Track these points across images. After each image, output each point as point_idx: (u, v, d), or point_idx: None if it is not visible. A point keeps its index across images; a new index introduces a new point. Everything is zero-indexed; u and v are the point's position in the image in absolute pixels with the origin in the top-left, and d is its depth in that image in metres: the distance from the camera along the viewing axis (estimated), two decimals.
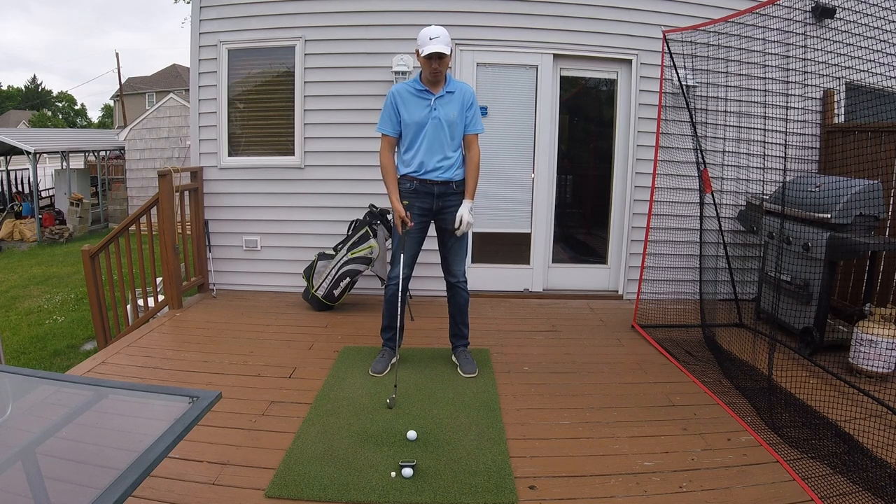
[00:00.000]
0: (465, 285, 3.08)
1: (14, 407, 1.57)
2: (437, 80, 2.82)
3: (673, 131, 4.06)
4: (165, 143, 12.53)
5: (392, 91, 2.89)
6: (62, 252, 10.39)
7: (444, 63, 2.75)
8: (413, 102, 2.84)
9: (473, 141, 2.92)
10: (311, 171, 4.48)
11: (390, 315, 3.06)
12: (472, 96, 2.92)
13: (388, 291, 3.04)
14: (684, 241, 3.95)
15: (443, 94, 2.83)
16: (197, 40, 4.41)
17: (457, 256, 3.03)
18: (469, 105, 2.88)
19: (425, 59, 2.72)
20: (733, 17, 3.48)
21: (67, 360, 5.09)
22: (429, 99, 2.83)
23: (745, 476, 2.13)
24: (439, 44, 2.67)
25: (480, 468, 2.14)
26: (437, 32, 2.70)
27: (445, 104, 2.83)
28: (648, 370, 3.16)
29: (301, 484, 2.03)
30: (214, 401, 1.42)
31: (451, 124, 2.84)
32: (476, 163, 2.92)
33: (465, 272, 3.09)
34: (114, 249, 4.12)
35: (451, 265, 3.04)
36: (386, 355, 3.09)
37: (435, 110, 2.82)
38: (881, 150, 3.59)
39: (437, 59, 2.71)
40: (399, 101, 2.85)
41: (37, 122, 40.65)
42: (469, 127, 2.90)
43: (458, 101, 2.85)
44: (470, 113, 2.89)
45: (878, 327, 2.99)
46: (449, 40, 2.72)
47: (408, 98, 2.85)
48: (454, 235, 2.95)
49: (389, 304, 3.05)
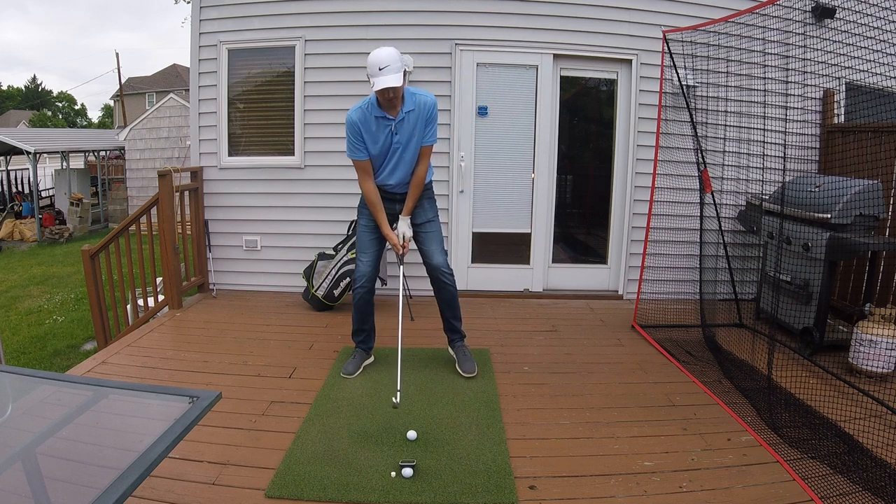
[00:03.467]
0: (449, 277, 2.98)
1: (14, 407, 1.57)
2: (394, 105, 2.70)
3: (673, 131, 4.06)
4: (165, 143, 12.53)
5: (351, 120, 2.75)
6: (62, 252, 10.39)
7: (397, 90, 2.62)
8: (374, 131, 2.75)
9: (425, 154, 2.82)
10: (311, 171, 4.48)
11: (360, 318, 3.04)
12: (431, 109, 2.77)
13: (356, 295, 2.99)
14: (684, 241, 3.95)
15: (402, 116, 2.72)
16: (197, 40, 4.41)
17: (432, 245, 2.97)
18: (427, 119, 2.76)
19: (378, 91, 2.60)
20: (733, 17, 3.48)
21: (67, 360, 5.09)
22: (389, 124, 2.74)
23: (745, 476, 2.13)
24: (389, 75, 2.53)
25: (480, 468, 2.14)
26: (386, 59, 2.54)
27: (405, 126, 2.75)
28: (648, 370, 3.16)
29: (301, 484, 2.03)
30: (214, 401, 1.42)
31: (413, 145, 2.79)
32: (421, 177, 2.85)
33: (448, 263, 3.01)
34: (114, 249, 4.12)
35: (429, 256, 2.97)
36: (358, 356, 3.07)
37: (396, 135, 2.75)
38: (881, 150, 3.59)
39: (391, 89, 2.59)
40: (362, 129, 2.75)
41: (37, 122, 40.67)
42: (424, 139, 2.79)
43: (418, 118, 2.75)
44: (429, 128, 2.78)
45: (878, 327, 2.99)
46: (400, 64, 2.58)
47: (369, 127, 2.75)
48: (422, 228, 2.95)
49: (358, 307, 3.01)
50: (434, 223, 3.01)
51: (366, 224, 2.97)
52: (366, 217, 2.97)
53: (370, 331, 3.10)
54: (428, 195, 3.01)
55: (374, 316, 3.11)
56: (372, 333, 3.11)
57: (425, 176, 2.88)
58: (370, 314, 3.06)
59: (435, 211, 3.04)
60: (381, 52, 2.58)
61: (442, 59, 4.30)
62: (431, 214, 3.01)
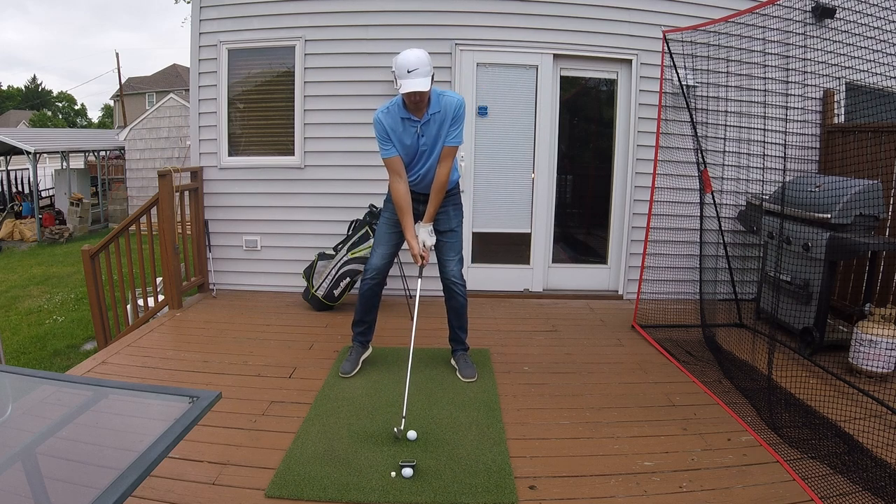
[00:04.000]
0: (461, 288, 2.96)
1: (14, 407, 1.57)
2: (420, 108, 2.65)
3: (673, 131, 4.06)
4: (165, 143, 12.53)
5: (379, 119, 2.72)
6: (62, 252, 10.39)
7: (424, 94, 2.57)
8: (401, 131, 2.71)
9: (448, 155, 2.74)
10: (311, 171, 4.48)
11: (364, 309, 3.00)
12: (458, 109, 2.70)
13: (363, 285, 2.95)
14: (684, 241, 3.95)
15: (428, 118, 2.67)
16: (197, 40, 4.41)
17: (448, 254, 2.94)
18: (453, 119, 2.70)
19: (405, 93, 2.55)
20: (733, 17, 3.48)
21: (67, 360, 5.09)
22: (415, 126, 2.69)
23: (745, 476, 2.13)
24: (418, 78, 2.48)
25: (480, 468, 2.14)
26: (415, 63, 2.48)
27: (431, 128, 2.70)
28: (648, 370, 3.16)
29: (301, 484, 2.03)
30: (214, 401, 1.42)
31: (440, 147, 2.74)
32: (442, 181, 2.75)
33: (462, 274, 2.99)
34: (114, 249, 4.12)
35: (444, 265, 2.96)
36: (355, 352, 3.05)
37: (422, 137, 2.71)
38: (881, 150, 3.59)
39: (417, 93, 2.55)
40: (389, 130, 2.71)
41: (37, 122, 40.66)
42: (447, 139, 2.72)
43: (444, 119, 2.70)
44: (454, 128, 2.72)
45: (878, 327, 2.99)
46: (429, 68, 2.53)
47: (396, 127, 2.71)
48: (444, 236, 2.90)
49: (364, 297, 2.98)
50: (456, 233, 2.94)
51: (388, 218, 2.92)
52: (389, 211, 2.90)
53: (371, 323, 3.07)
54: (454, 201, 2.93)
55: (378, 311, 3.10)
56: (372, 327, 3.09)
57: (447, 180, 2.77)
58: (374, 307, 3.04)
59: (460, 219, 2.96)
60: (411, 54, 2.51)
61: (442, 59, 4.30)
62: (455, 223, 2.93)
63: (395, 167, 2.75)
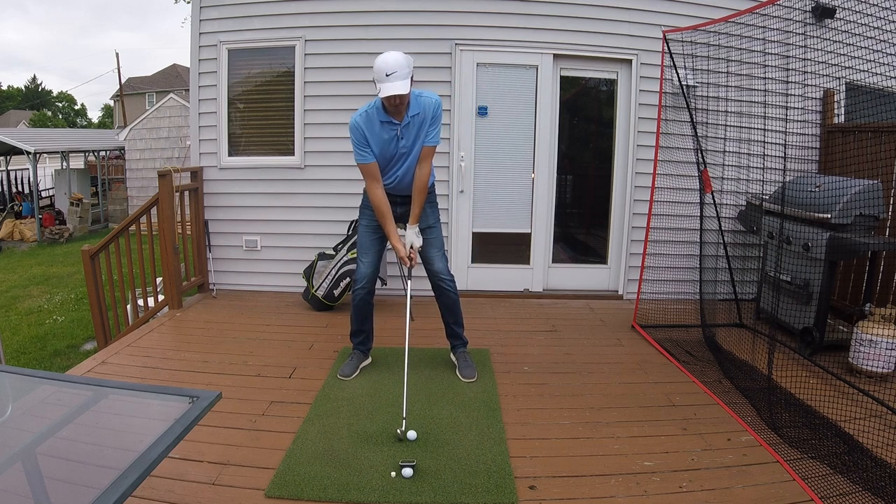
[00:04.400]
0: (450, 284, 2.96)
1: (14, 407, 1.57)
2: (400, 111, 2.64)
3: (673, 131, 4.06)
4: (165, 143, 12.53)
5: (355, 124, 2.69)
6: (62, 252, 10.40)
7: (403, 97, 2.56)
8: (379, 135, 2.69)
9: (427, 155, 2.73)
10: (311, 171, 4.48)
11: (359, 319, 3.02)
12: (436, 109, 2.69)
13: (356, 295, 2.96)
14: (684, 241, 3.95)
15: (407, 121, 2.67)
16: (197, 40, 4.41)
17: (432, 251, 2.94)
18: (432, 119, 2.69)
19: (384, 97, 2.54)
20: (733, 17, 3.48)
21: (67, 360, 5.09)
22: (395, 129, 2.68)
23: (745, 476, 2.13)
24: (396, 82, 2.47)
25: (480, 468, 2.14)
26: (393, 65, 2.46)
27: (411, 130, 2.69)
28: (648, 370, 3.16)
29: (301, 484, 2.03)
30: (214, 401, 1.42)
31: (419, 149, 2.74)
32: (424, 182, 2.75)
33: (449, 269, 2.99)
34: (114, 249, 4.12)
35: (430, 262, 2.95)
36: (355, 358, 3.06)
37: (402, 139, 2.70)
38: (881, 150, 3.59)
39: (397, 96, 2.53)
40: (366, 133, 2.68)
41: (37, 122, 40.66)
42: (426, 140, 2.71)
43: (423, 121, 2.69)
44: (432, 128, 2.71)
45: (878, 327, 2.99)
46: (408, 70, 2.51)
47: (373, 130, 2.69)
48: (423, 233, 2.90)
49: (358, 308, 2.99)
50: (435, 229, 2.97)
51: (367, 224, 2.94)
52: (367, 217, 2.93)
53: (369, 332, 3.09)
54: (430, 199, 2.95)
55: (374, 317, 3.11)
56: (370, 335, 3.10)
57: (428, 180, 2.79)
58: (369, 315, 3.05)
59: (436, 216, 3.00)
60: (389, 57, 2.50)
61: (442, 59, 4.30)
62: (432, 220, 2.96)
63: (372, 173, 2.74)
